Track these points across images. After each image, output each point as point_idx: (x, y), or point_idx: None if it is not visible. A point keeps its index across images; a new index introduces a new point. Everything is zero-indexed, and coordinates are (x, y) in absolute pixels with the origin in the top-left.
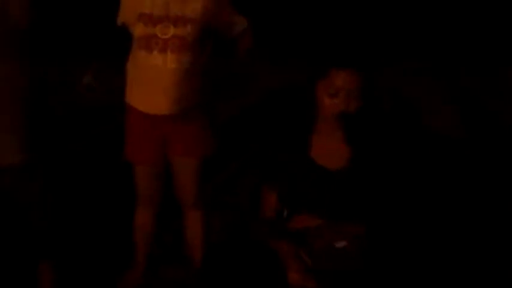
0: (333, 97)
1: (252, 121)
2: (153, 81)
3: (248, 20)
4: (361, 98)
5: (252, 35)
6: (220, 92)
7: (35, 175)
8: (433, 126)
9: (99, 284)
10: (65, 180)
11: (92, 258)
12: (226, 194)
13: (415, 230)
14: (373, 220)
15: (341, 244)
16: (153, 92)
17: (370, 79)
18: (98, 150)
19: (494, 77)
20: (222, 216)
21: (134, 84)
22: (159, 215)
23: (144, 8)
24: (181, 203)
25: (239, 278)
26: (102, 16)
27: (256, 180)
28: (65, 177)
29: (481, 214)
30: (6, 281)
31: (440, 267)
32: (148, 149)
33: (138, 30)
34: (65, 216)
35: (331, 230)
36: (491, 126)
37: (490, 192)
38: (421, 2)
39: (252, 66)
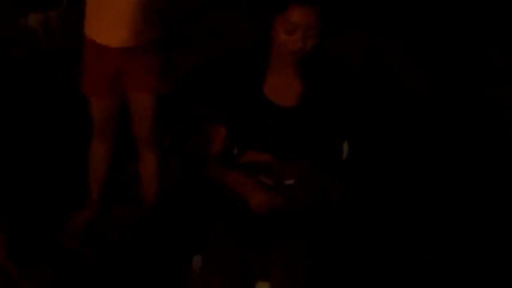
0: (290, 33)
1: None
2: (110, 13)
3: None
4: (318, 36)
5: None
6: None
7: None
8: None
9: (51, 223)
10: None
11: (44, 196)
12: (185, 142)
13: (364, 172)
14: (322, 158)
15: (290, 181)
16: (110, 24)
17: (327, 17)
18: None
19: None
20: (180, 159)
21: (92, 16)
22: (115, 157)
23: None
24: (137, 142)
25: (188, 217)
26: None
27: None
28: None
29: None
30: None
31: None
32: (103, 82)
33: None
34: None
35: (280, 166)
36: (460, 86)
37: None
38: None
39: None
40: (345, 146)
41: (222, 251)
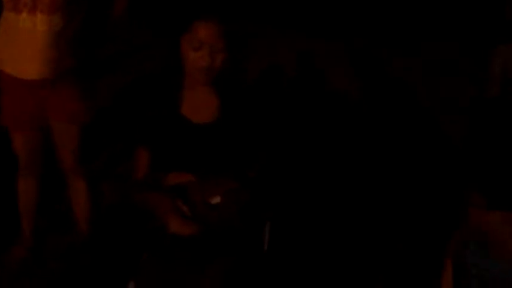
0: (197, 50)
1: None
2: (23, 45)
3: None
4: (226, 51)
5: None
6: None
7: None
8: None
9: None
10: None
11: None
12: (118, 165)
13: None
14: (244, 172)
15: (215, 200)
16: (24, 56)
17: (232, 31)
18: None
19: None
20: (113, 184)
21: (4, 48)
22: (48, 185)
23: None
24: (63, 170)
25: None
26: None
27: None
28: None
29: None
30: None
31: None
32: (24, 115)
33: None
34: None
35: (204, 185)
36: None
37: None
38: None
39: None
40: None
41: (153, 276)
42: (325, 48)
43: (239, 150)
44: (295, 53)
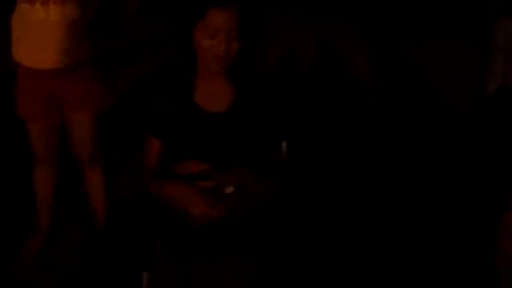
0: (212, 38)
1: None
2: (37, 36)
3: None
4: (241, 39)
5: None
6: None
7: None
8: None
9: (3, 253)
10: None
11: None
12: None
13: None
14: (260, 162)
15: (229, 189)
16: (38, 46)
17: (249, 19)
18: None
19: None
20: (129, 175)
21: (19, 40)
22: (64, 176)
23: None
24: (78, 161)
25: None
26: None
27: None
28: None
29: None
30: None
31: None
32: (39, 105)
33: None
34: None
35: (218, 175)
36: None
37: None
38: None
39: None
40: (284, 146)
41: (167, 267)
42: (345, 35)
43: (253, 140)
44: (314, 40)
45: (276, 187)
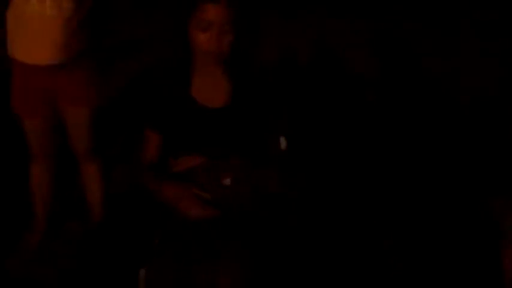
0: (205, 31)
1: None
2: (33, 31)
3: None
4: (235, 32)
5: None
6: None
7: None
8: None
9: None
10: None
11: None
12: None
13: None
14: (257, 154)
15: (226, 181)
16: (34, 41)
17: (241, 12)
18: None
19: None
20: (126, 170)
21: (14, 35)
22: (61, 171)
23: None
24: (76, 156)
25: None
26: None
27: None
28: None
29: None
30: None
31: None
32: (36, 101)
33: None
34: None
35: (215, 167)
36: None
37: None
38: None
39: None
40: (282, 140)
41: (165, 263)
42: (344, 29)
43: (251, 134)
44: (313, 34)
45: (274, 180)
